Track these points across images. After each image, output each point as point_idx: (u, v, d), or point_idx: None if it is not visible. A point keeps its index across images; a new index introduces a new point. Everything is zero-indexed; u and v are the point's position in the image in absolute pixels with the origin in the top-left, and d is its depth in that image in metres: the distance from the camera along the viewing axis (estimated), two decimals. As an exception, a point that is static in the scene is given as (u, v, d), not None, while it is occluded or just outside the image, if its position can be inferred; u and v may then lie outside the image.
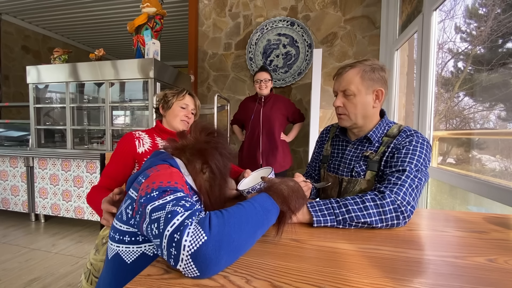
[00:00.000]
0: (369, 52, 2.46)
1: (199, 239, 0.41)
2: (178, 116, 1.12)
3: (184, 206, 0.47)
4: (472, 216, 0.75)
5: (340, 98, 0.86)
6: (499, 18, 3.04)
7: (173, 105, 1.13)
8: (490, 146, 2.62)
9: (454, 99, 3.84)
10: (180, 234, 0.41)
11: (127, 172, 1.03)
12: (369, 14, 2.45)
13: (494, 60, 3.06)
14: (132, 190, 0.59)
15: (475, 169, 2.55)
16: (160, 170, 0.57)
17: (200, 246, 0.40)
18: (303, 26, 2.59)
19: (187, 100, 1.15)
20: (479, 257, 0.51)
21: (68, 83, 2.28)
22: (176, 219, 0.43)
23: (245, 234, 0.46)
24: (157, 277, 0.44)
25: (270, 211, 0.53)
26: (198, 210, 0.47)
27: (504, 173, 1.91)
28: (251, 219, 0.48)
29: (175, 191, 0.51)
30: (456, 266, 0.47)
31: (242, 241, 0.45)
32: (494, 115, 3.46)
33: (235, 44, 2.83)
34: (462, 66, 3.75)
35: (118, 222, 0.59)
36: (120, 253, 0.57)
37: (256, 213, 0.50)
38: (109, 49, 5.26)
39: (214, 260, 0.41)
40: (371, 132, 0.86)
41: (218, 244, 0.41)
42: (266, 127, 2.02)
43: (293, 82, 2.67)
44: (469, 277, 0.44)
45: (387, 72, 0.84)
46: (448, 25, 3.35)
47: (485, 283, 0.42)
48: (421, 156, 0.75)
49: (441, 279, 0.43)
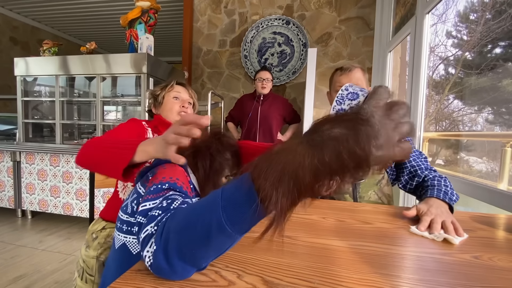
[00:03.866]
0: (363, 53, 2.49)
1: (153, 249, 0.39)
2: (174, 109, 1.00)
3: (162, 207, 0.46)
4: (459, 215, 0.77)
5: None
6: (489, 24, 3.11)
7: (164, 99, 1.01)
8: (477, 148, 2.69)
9: (444, 102, 3.92)
10: (145, 244, 0.41)
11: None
12: (363, 15, 2.47)
13: (483, 64, 3.15)
14: (139, 185, 0.62)
15: (463, 170, 2.62)
16: (167, 168, 0.59)
17: (154, 258, 0.38)
18: (298, 25, 2.60)
19: (178, 89, 1.03)
20: (465, 254, 0.52)
21: (58, 76, 2.22)
22: (150, 226, 0.43)
23: (194, 242, 0.36)
24: (147, 271, 0.43)
25: (238, 205, 0.34)
26: (171, 211, 0.45)
27: (490, 174, 1.97)
28: (199, 225, 0.36)
29: (171, 188, 0.53)
30: (443, 263, 0.49)
31: (192, 247, 0.37)
32: (482, 118, 3.56)
33: (230, 41, 2.82)
34: (453, 69, 3.83)
35: (124, 214, 0.62)
36: (127, 244, 0.59)
37: (211, 211, 0.35)
38: (101, 43, 5.15)
39: (169, 270, 0.38)
40: None
41: (166, 254, 0.37)
42: (264, 126, 2.03)
43: (288, 81, 2.68)
44: (455, 273, 0.45)
45: None
46: (440, 29, 3.41)
47: (470, 278, 0.44)
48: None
49: (428, 275, 0.44)
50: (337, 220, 0.71)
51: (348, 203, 0.89)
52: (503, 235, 0.64)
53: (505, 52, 2.83)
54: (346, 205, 0.85)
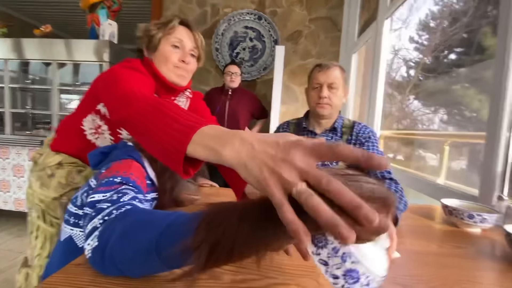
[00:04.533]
0: (331, 53, 2.59)
1: (94, 244, 0.39)
2: (170, 61, 0.74)
3: (112, 200, 0.47)
4: (397, 206, 0.86)
5: (326, 90, 0.96)
6: (446, 31, 3.38)
7: (161, 44, 0.75)
8: (432, 146, 2.94)
9: (405, 102, 4.21)
10: (88, 236, 0.41)
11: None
12: (332, 16, 2.56)
13: (440, 69, 3.42)
14: (92, 179, 0.60)
15: (420, 165, 2.86)
16: (122, 163, 0.59)
17: (92, 253, 0.39)
18: (270, 21, 2.62)
19: (179, 33, 0.76)
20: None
21: (7, 60, 2.03)
22: (97, 218, 0.43)
23: (127, 253, 0.34)
24: (88, 265, 0.43)
25: (173, 237, 0.31)
26: (122, 205, 0.45)
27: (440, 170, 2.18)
28: (140, 235, 0.34)
29: (123, 182, 0.52)
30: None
31: (124, 257, 0.35)
32: (437, 118, 3.88)
33: (201, 33, 2.76)
34: (413, 72, 4.12)
35: (73, 206, 0.61)
36: (74, 237, 0.59)
37: (152, 229, 0.33)
38: (59, 25, 4.74)
39: (103, 268, 0.38)
40: (336, 123, 1.01)
41: (103, 253, 0.37)
42: (231, 121, 2.03)
43: (259, 77, 2.70)
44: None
45: None
46: (403, 33, 3.62)
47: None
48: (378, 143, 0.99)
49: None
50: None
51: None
52: (425, 223, 0.73)
53: (457, 59, 3.10)
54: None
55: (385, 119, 3.93)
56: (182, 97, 0.87)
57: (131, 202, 0.48)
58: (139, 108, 0.46)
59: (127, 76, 0.63)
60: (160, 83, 0.75)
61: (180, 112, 0.40)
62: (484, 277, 0.46)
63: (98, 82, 0.71)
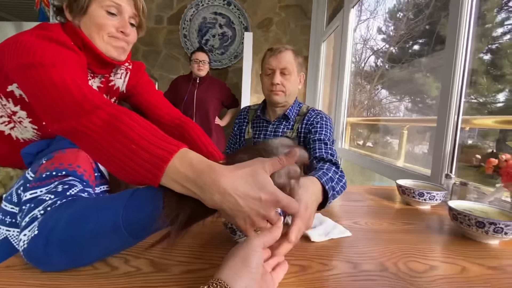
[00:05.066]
0: (301, 42, 2.59)
1: (33, 233, 0.36)
2: (105, 29, 0.60)
3: (56, 192, 0.43)
4: (357, 189, 0.89)
5: (279, 76, 0.92)
6: (410, 23, 3.50)
7: (91, 7, 0.60)
8: (398, 132, 3.09)
9: (373, 91, 4.35)
10: (25, 227, 0.38)
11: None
12: (301, 4, 2.55)
13: (404, 58, 3.56)
14: (29, 170, 0.54)
15: (386, 151, 3.01)
16: (67, 153, 0.53)
17: (30, 242, 0.36)
18: (239, 7, 2.54)
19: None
20: (347, 221, 0.61)
21: None
22: (37, 210, 0.40)
23: (82, 236, 0.34)
24: (17, 267, 0.39)
25: (140, 207, 0.34)
26: (67, 197, 0.42)
27: (407, 154, 2.30)
28: (94, 219, 0.34)
29: (68, 175, 0.48)
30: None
31: (77, 241, 0.35)
32: (403, 105, 4.06)
33: (167, 18, 2.62)
34: (381, 62, 4.25)
35: (8, 204, 0.55)
36: (10, 238, 0.53)
37: (110, 212, 0.34)
38: (3, 6, 4.24)
39: (42, 257, 0.36)
40: (288, 111, 0.97)
41: (46, 240, 0.35)
42: (200, 110, 1.97)
43: (230, 65, 2.64)
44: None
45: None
46: (372, 24, 3.70)
47: (346, 239, 0.51)
48: (330, 128, 0.92)
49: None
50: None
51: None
52: (381, 203, 0.76)
53: (420, 49, 3.26)
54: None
55: (355, 108, 4.07)
56: (121, 69, 0.74)
57: (79, 195, 0.44)
58: (90, 123, 0.38)
59: (52, 55, 0.48)
60: (92, 56, 0.61)
61: (142, 131, 0.36)
62: (429, 249, 0.49)
63: (4, 56, 0.52)
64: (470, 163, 1.29)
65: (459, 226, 0.55)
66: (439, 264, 0.44)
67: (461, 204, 0.61)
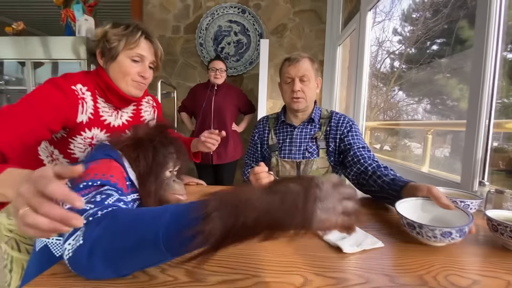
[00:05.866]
0: (316, 46, 2.58)
1: (78, 242, 0.38)
2: (129, 75, 0.73)
3: (95, 201, 0.45)
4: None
5: (298, 83, 0.95)
6: (427, 23, 3.42)
7: (120, 56, 0.72)
8: (417, 135, 3.00)
9: (390, 93, 4.26)
10: (69, 236, 0.40)
11: (43, 138, 0.65)
12: (316, 8, 2.55)
13: (422, 59, 3.47)
14: (66, 180, 0.57)
15: (405, 155, 2.92)
16: (100, 164, 0.56)
17: (75, 251, 0.37)
18: (254, 14, 2.58)
19: (142, 49, 0.73)
20: (377, 231, 0.59)
21: (-23, 60, 1.91)
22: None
23: (124, 247, 0.36)
24: (62, 275, 0.41)
25: (181, 225, 0.34)
26: (106, 206, 0.44)
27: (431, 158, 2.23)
28: (136, 233, 0.35)
29: (104, 184, 0.50)
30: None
31: (120, 252, 0.36)
32: (421, 108, 3.95)
33: (184, 27, 2.69)
34: (397, 63, 4.15)
35: None
36: (49, 245, 0.56)
37: (151, 226, 0.35)
38: (32, 22, 4.51)
39: (87, 267, 0.37)
40: (313, 114, 1.01)
41: (91, 251, 0.36)
42: (218, 117, 2.00)
43: (245, 72, 2.66)
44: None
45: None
46: (387, 25, 3.64)
47: (378, 250, 0.50)
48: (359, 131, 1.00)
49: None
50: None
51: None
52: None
53: (439, 49, 3.16)
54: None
55: (371, 111, 3.99)
56: (148, 107, 0.91)
57: (116, 204, 0.46)
58: None
59: (29, 99, 0.63)
60: (115, 96, 0.75)
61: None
62: (468, 262, 0.47)
63: None
64: (497, 167, 1.22)
65: (499, 237, 0.52)
66: (481, 279, 0.42)
67: (499, 214, 0.58)
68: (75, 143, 0.73)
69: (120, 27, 0.73)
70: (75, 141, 0.73)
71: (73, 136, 0.72)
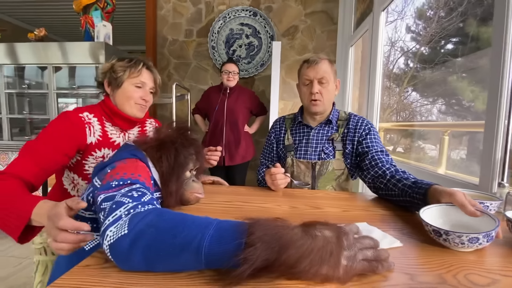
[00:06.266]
0: (327, 47, 2.58)
1: (121, 231, 0.40)
2: (132, 99, 0.85)
3: (133, 196, 0.47)
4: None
5: (317, 85, 0.95)
6: (442, 21, 3.35)
7: (124, 83, 0.85)
8: (431, 136, 2.94)
9: (403, 94, 4.19)
10: (111, 224, 0.42)
11: (63, 164, 0.77)
12: (327, 9, 2.55)
13: (436, 59, 3.40)
14: (96, 178, 0.61)
15: (419, 156, 2.86)
16: (127, 163, 0.59)
17: (118, 238, 0.39)
18: (265, 17, 2.60)
19: (144, 77, 0.87)
20: (395, 231, 0.59)
21: (3, 65, 2.01)
22: (119, 210, 0.45)
23: (166, 246, 0.38)
24: (96, 267, 0.44)
25: (223, 241, 0.36)
26: (144, 203, 0.47)
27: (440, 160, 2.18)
28: (181, 236, 0.38)
29: (134, 183, 0.53)
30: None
31: (160, 250, 0.38)
32: (436, 108, 3.87)
33: (196, 31, 2.75)
34: (411, 63, 4.09)
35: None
36: None
37: (195, 234, 0.37)
38: (52, 29, 4.70)
39: (126, 256, 0.39)
40: (331, 116, 1.01)
41: (133, 241, 0.38)
42: (230, 119, 2.03)
43: (256, 74, 2.69)
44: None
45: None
46: (399, 25, 3.59)
47: (397, 250, 0.50)
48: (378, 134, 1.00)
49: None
50: (291, 207, 0.76)
51: (302, 190, 0.95)
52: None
53: (454, 48, 3.09)
54: (300, 192, 0.91)
55: (383, 112, 3.94)
56: (151, 128, 1.01)
57: (152, 202, 0.48)
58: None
59: (44, 133, 0.75)
60: (120, 119, 0.87)
61: (23, 197, 0.59)
62: (487, 262, 0.47)
63: None
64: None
65: (520, 239, 0.52)
66: (501, 278, 0.42)
67: (519, 215, 0.57)
68: (88, 163, 0.83)
69: (125, 60, 0.87)
70: (88, 161, 0.83)
71: (86, 157, 0.82)
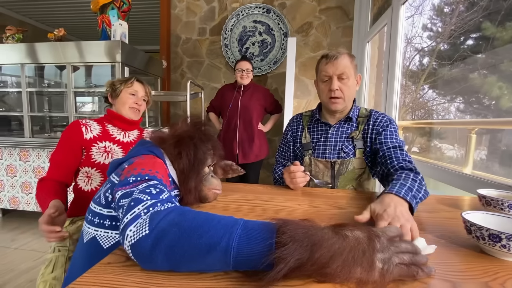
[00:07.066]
0: (342, 43, 2.52)
1: (142, 231, 0.38)
2: (127, 103, 1.09)
3: (151, 193, 0.46)
4: (426, 198, 0.82)
5: (336, 82, 0.90)
6: (462, 16, 3.22)
7: (121, 93, 1.10)
8: (449, 135, 2.83)
9: (420, 92, 4.06)
10: (130, 223, 0.40)
11: (77, 161, 1.00)
12: (343, 5, 2.49)
13: (456, 55, 3.27)
14: (114, 174, 0.60)
15: (435, 156, 2.76)
16: (145, 159, 0.58)
17: (139, 239, 0.38)
18: (279, 14, 2.57)
19: (136, 87, 1.12)
20: (427, 234, 0.56)
21: (24, 65, 2.07)
22: (137, 208, 0.43)
23: (191, 247, 0.36)
24: (117, 264, 0.43)
25: (252, 242, 0.35)
26: (163, 201, 0.45)
27: (460, 160, 2.09)
28: (207, 236, 0.36)
29: (151, 179, 0.51)
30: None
31: (185, 250, 0.36)
32: (454, 107, 3.73)
33: (209, 29, 2.75)
34: (427, 60, 3.96)
35: (97, 205, 0.60)
36: (98, 238, 0.58)
37: (223, 234, 0.36)
38: (70, 29, 4.82)
39: (148, 256, 0.38)
40: (351, 113, 0.96)
41: (155, 241, 0.37)
42: (244, 117, 2.02)
43: (269, 71, 2.66)
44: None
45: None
46: (417, 20, 3.48)
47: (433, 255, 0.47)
48: (397, 131, 0.92)
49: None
50: (312, 206, 0.73)
51: (322, 189, 0.91)
52: (458, 215, 0.69)
53: (475, 44, 2.95)
54: (320, 192, 0.88)
55: (399, 110, 3.81)
56: (146, 136, 1.18)
57: (171, 200, 0.46)
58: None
59: (58, 144, 0.99)
60: (121, 120, 1.09)
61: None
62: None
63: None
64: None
65: None
66: (556, 289, 0.38)
67: None
68: (93, 154, 1.01)
69: (121, 78, 1.15)
70: (93, 152, 1.01)
71: (89, 150, 1.00)
